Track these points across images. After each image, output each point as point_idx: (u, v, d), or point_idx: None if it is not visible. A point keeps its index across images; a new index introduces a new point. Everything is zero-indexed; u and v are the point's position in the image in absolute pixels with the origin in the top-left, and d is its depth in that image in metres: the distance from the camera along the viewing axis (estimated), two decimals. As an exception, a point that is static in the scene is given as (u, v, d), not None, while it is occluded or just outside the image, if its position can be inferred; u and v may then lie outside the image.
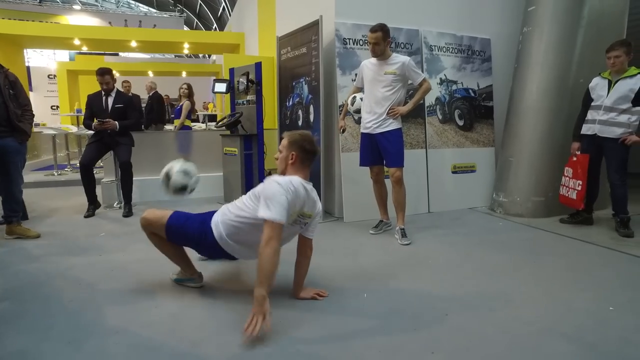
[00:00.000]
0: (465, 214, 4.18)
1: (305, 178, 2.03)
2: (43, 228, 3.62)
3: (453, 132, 4.40)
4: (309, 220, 2.07)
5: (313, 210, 2.07)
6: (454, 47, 4.37)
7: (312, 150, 2.05)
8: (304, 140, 2.03)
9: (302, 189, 1.96)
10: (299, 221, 2.03)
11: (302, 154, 2.02)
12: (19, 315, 2.06)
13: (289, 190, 1.88)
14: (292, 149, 2.02)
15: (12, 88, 3.22)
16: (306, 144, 2.02)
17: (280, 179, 1.92)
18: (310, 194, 2.02)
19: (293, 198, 1.89)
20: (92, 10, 17.03)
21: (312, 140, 2.07)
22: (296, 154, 2.02)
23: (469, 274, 2.59)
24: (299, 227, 2.07)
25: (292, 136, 2.05)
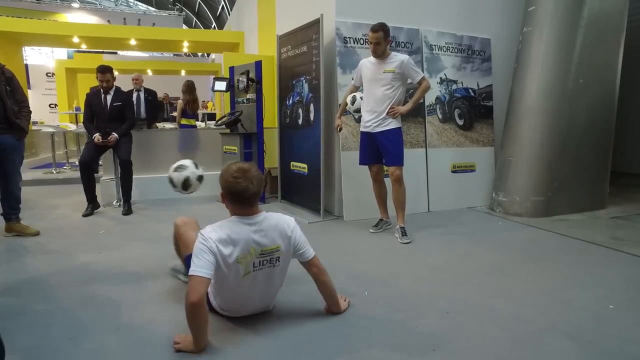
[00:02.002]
0: (465, 214, 4.18)
1: (247, 214, 1.77)
2: (42, 226, 3.61)
3: (453, 131, 4.40)
4: (279, 254, 1.82)
5: (277, 241, 1.80)
6: (454, 47, 4.37)
7: (232, 192, 1.73)
8: (225, 180, 1.74)
9: (241, 228, 1.74)
10: (265, 261, 1.80)
11: (228, 196, 1.76)
12: (18, 312, 2.06)
13: (209, 239, 1.69)
14: (221, 191, 1.78)
15: (9, 84, 3.20)
16: (226, 184, 1.73)
17: (206, 228, 1.76)
18: (260, 228, 1.77)
19: (225, 245, 1.70)
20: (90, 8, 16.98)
21: (232, 178, 1.71)
22: (223, 195, 1.79)
23: (469, 272, 2.60)
24: (271, 265, 1.83)
25: (221, 175, 1.77)
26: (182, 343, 1.69)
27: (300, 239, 1.88)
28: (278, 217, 1.86)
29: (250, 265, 1.77)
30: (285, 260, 1.89)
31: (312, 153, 4.09)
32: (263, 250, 1.78)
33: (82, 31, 9.01)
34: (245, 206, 1.77)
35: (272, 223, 1.81)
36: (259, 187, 1.75)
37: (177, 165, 2.53)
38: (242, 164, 1.78)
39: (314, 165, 4.09)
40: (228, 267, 1.73)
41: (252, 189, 1.72)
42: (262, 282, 1.85)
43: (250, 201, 1.76)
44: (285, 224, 1.85)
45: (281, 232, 1.82)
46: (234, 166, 1.75)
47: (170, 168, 2.53)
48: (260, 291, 1.88)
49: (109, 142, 4.15)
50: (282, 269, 1.90)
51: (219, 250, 1.69)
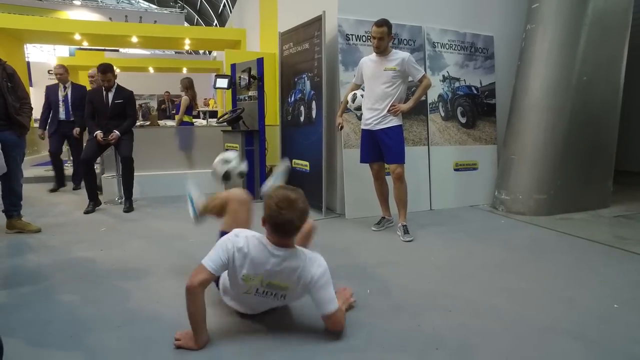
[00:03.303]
0: (467, 212, 4.17)
1: (278, 243, 1.68)
2: (44, 223, 3.60)
3: (455, 129, 4.38)
4: (286, 292, 1.74)
5: (287, 282, 1.71)
6: (457, 44, 4.35)
7: (275, 224, 1.63)
8: (268, 208, 1.63)
9: (263, 253, 1.68)
10: (270, 293, 1.74)
11: (269, 224, 1.66)
12: (19, 308, 2.05)
13: (233, 244, 1.68)
14: (265, 208, 1.67)
15: (10, 81, 3.19)
16: (270, 213, 1.63)
17: (239, 232, 1.74)
18: (281, 263, 1.68)
19: (241, 256, 1.67)
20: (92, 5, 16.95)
21: (276, 207, 1.60)
22: (265, 219, 1.67)
23: (471, 271, 2.58)
24: (275, 298, 1.77)
25: (266, 198, 1.69)
26: (183, 340, 1.68)
27: (320, 294, 1.71)
28: (305, 260, 1.71)
29: (253, 289, 1.74)
30: (293, 297, 1.80)
31: (314, 151, 4.07)
32: (270, 283, 1.71)
33: (84, 28, 9.00)
34: (282, 237, 1.68)
35: (294, 265, 1.69)
36: (301, 221, 1.65)
37: (222, 158, 2.65)
38: (290, 191, 1.65)
39: (315, 162, 4.08)
40: (234, 277, 1.73)
41: (296, 223, 1.63)
42: (263, 303, 1.82)
43: (290, 234, 1.68)
44: (309, 273, 1.69)
45: (298, 278, 1.70)
46: (281, 193, 1.63)
47: (216, 159, 2.66)
48: (262, 307, 1.87)
49: (111, 140, 4.14)
50: (287, 301, 1.83)
51: (234, 258, 1.68)
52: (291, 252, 1.71)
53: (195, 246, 3.06)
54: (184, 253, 2.89)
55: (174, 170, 5.23)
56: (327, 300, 1.72)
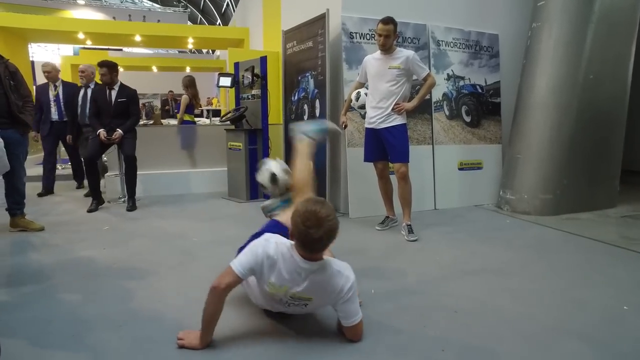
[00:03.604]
0: (472, 211, 4.13)
1: (305, 257, 1.60)
2: (47, 221, 3.60)
3: (460, 128, 4.35)
4: (309, 302, 1.68)
5: (312, 293, 1.65)
6: (461, 43, 4.31)
7: (303, 241, 1.56)
8: (295, 223, 1.56)
9: (292, 263, 1.62)
10: (292, 303, 1.69)
11: (296, 240, 1.60)
12: (21, 307, 2.04)
13: (264, 249, 1.63)
14: (292, 223, 1.60)
15: (13, 79, 3.19)
16: (297, 230, 1.55)
17: (271, 237, 1.70)
18: (308, 277, 1.61)
19: (270, 263, 1.62)
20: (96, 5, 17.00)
21: (303, 226, 1.52)
22: (293, 231, 1.60)
23: (477, 271, 2.55)
24: (296, 307, 1.72)
25: (296, 208, 1.61)
26: (186, 339, 1.66)
27: (345, 307, 1.65)
28: (333, 274, 1.63)
29: (277, 297, 1.69)
30: (315, 308, 1.77)
31: (318, 149, 4.03)
32: (294, 295, 1.66)
33: (87, 27, 9.01)
34: (308, 252, 1.60)
35: (321, 279, 1.63)
36: (330, 239, 1.56)
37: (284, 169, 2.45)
38: (319, 206, 1.54)
39: (319, 161, 4.04)
40: (261, 282, 1.69)
41: (324, 241, 1.54)
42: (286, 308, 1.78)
43: (317, 250, 1.60)
44: (337, 286, 1.63)
45: (325, 291, 1.64)
46: (309, 209, 1.53)
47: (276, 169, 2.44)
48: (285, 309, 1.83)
49: (114, 139, 4.14)
50: (307, 310, 1.77)
51: (262, 264, 1.63)
52: (319, 265, 1.63)
53: (197, 245, 3.05)
54: (187, 252, 2.88)
55: (177, 169, 5.23)
56: (353, 312, 1.67)
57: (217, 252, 2.84)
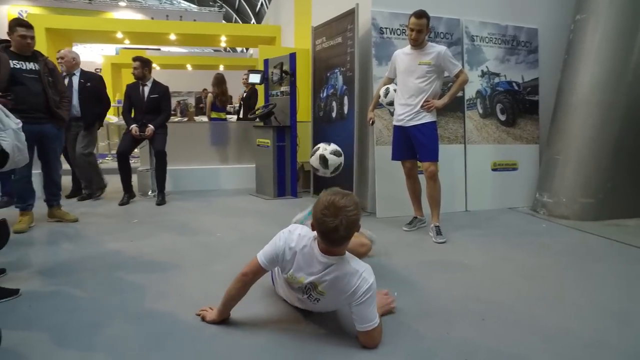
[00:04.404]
0: (505, 214, 3.95)
1: (324, 251, 1.61)
2: (81, 213, 3.73)
3: (494, 127, 4.16)
4: (321, 297, 1.67)
5: (327, 288, 1.63)
6: (497, 38, 4.12)
7: (320, 229, 1.55)
8: (315, 213, 1.55)
9: (311, 255, 1.63)
10: (307, 293, 1.69)
11: (316, 227, 1.57)
12: (49, 295, 2.11)
13: (287, 243, 1.66)
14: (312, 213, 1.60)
15: (51, 75, 3.30)
16: (316, 219, 1.55)
17: (296, 228, 1.72)
18: (326, 270, 1.60)
19: (291, 254, 1.65)
20: (136, 6, 17.59)
21: (321, 214, 1.52)
22: (313, 221, 1.59)
23: (508, 276, 2.42)
24: (309, 300, 1.72)
25: (319, 198, 1.59)
26: (206, 313, 1.82)
27: (360, 309, 1.59)
28: (351, 273, 1.59)
29: (294, 286, 1.73)
30: (328, 306, 1.76)
31: (345, 147, 3.92)
32: (309, 285, 1.66)
33: (125, 27, 9.32)
34: (327, 244, 1.58)
35: (338, 275, 1.60)
36: (348, 230, 1.52)
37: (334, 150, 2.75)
38: (340, 196, 1.53)
39: (346, 159, 3.95)
40: (282, 271, 1.75)
41: (341, 232, 1.51)
42: (301, 302, 1.79)
43: (336, 243, 1.57)
44: (353, 284, 1.58)
45: (339, 289, 1.61)
46: (328, 199, 1.52)
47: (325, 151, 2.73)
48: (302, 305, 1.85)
49: (146, 135, 4.23)
50: (323, 306, 1.76)
51: (284, 254, 1.67)
52: (338, 261, 1.61)
53: (221, 241, 3.06)
54: (210, 247, 2.89)
55: (207, 165, 5.30)
56: (367, 317, 1.60)
57: (240, 249, 2.83)
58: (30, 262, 2.58)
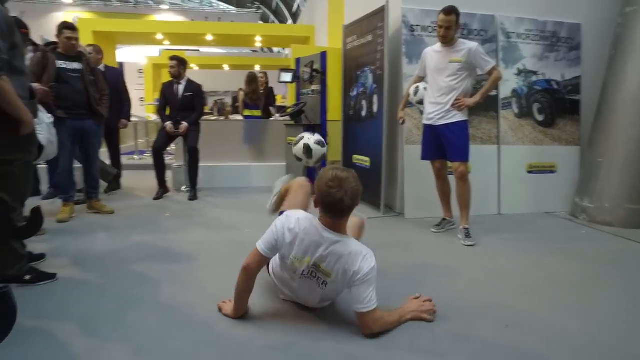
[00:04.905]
0: (541, 219, 3.77)
1: (329, 226, 1.66)
2: (117, 206, 3.90)
3: (531, 127, 3.98)
4: (328, 280, 1.68)
5: (333, 270, 1.66)
6: (535, 34, 3.94)
7: (325, 203, 1.62)
8: (319, 187, 1.62)
9: (313, 234, 1.66)
10: (312, 275, 1.70)
11: (321, 204, 1.65)
12: (81, 281, 2.23)
13: (284, 223, 1.70)
14: (316, 188, 1.67)
15: (93, 74, 3.48)
16: (320, 192, 1.62)
17: (291, 212, 1.77)
18: (329, 247, 1.64)
19: (292, 236, 1.67)
20: (177, 9, 18.21)
21: (326, 187, 1.59)
22: (316, 200, 1.66)
23: (539, 283, 2.31)
24: (317, 284, 1.71)
25: (320, 174, 1.67)
26: (226, 306, 1.84)
27: (360, 287, 1.63)
28: (355, 252, 1.65)
29: (299, 271, 1.72)
30: (335, 288, 1.75)
31: (375, 146, 3.94)
32: (317, 264, 1.68)
33: (162, 28, 9.70)
34: (333, 217, 1.65)
35: (342, 252, 1.64)
36: (352, 200, 1.61)
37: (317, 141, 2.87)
38: (341, 171, 1.63)
39: (376, 158, 3.95)
40: (283, 258, 1.75)
41: (346, 202, 1.59)
42: (305, 289, 1.79)
43: (341, 214, 1.65)
44: (356, 265, 1.63)
45: (343, 269, 1.64)
46: (331, 173, 1.61)
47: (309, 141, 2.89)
48: (306, 296, 1.84)
49: (180, 132, 4.37)
50: (329, 292, 1.76)
51: (284, 238, 1.69)
52: (342, 238, 1.67)
53: (248, 237, 3.09)
54: (237, 243, 2.94)
55: (238, 162, 5.40)
56: (364, 298, 1.63)
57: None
58: (67, 250, 2.73)
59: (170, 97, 4.48)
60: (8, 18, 1.85)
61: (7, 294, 1.32)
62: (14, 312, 1.38)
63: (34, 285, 2.12)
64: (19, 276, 2.11)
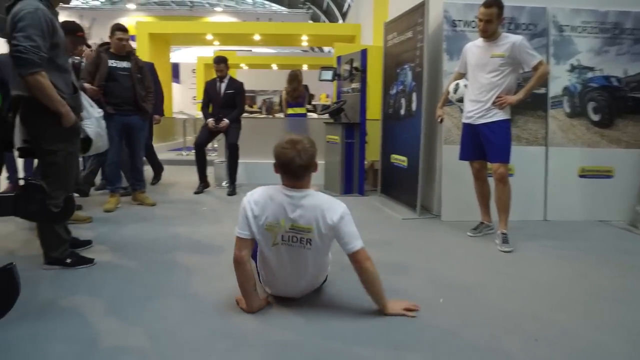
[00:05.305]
0: (593, 227, 3.48)
1: (291, 186, 1.76)
2: (159, 198, 4.09)
3: (584, 128, 3.68)
4: (311, 236, 1.74)
5: (311, 223, 1.73)
6: (593, 26, 3.63)
7: (280, 163, 1.74)
8: (275, 150, 1.76)
9: (278, 196, 1.75)
10: (295, 238, 1.75)
11: (277, 166, 1.77)
12: (116, 267, 2.38)
13: (247, 201, 1.78)
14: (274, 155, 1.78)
15: (140, 72, 3.68)
16: (276, 154, 1.75)
17: (257, 188, 1.84)
18: (297, 204, 1.73)
19: (260, 207, 1.75)
20: (230, 11, 18.82)
21: (281, 147, 1.73)
22: (275, 165, 1.79)
23: (579, 297, 2.12)
24: (301, 246, 1.76)
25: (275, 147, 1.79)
26: (242, 302, 1.85)
27: (345, 229, 1.74)
28: (324, 200, 1.78)
29: (279, 237, 1.77)
30: (320, 246, 1.78)
31: (412, 145, 3.83)
32: (293, 226, 1.74)
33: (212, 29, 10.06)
34: (291, 178, 1.75)
35: (312, 203, 1.75)
36: (307, 161, 1.72)
37: None
38: (295, 135, 1.78)
39: (413, 158, 3.84)
40: (259, 231, 1.76)
41: (299, 162, 1.70)
42: (292, 260, 1.81)
43: (296, 173, 1.74)
44: (330, 209, 1.74)
45: (321, 217, 1.73)
46: (286, 137, 1.76)
47: None
48: (291, 271, 1.84)
49: (221, 128, 4.51)
50: (315, 253, 1.79)
51: (252, 210, 1.75)
52: (307, 192, 1.77)
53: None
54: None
55: (278, 159, 5.45)
56: (355, 235, 1.75)
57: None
58: (109, 238, 2.91)
59: (213, 94, 4.63)
60: (49, 19, 1.99)
61: (11, 270, 1.43)
62: (17, 288, 1.50)
63: (74, 269, 2.28)
64: (61, 259, 2.27)
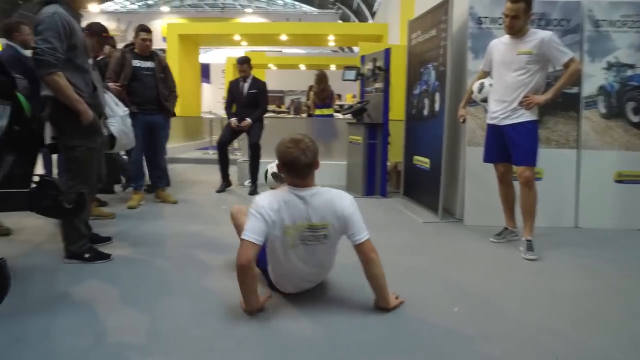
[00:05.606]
0: (630, 236, 3.25)
1: (299, 185, 1.77)
2: (181, 197, 4.16)
3: (622, 130, 3.46)
4: (327, 232, 1.78)
5: (327, 218, 1.75)
6: (635, 20, 3.39)
7: (285, 162, 1.75)
8: (278, 150, 1.77)
9: (291, 198, 1.75)
10: (312, 236, 1.77)
11: (282, 166, 1.79)
12: (132, 263, 2.42)
13: (261, 206, 1.74)
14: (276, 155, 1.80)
15: (163, 72, 3.75)
16: (279, 154, 1.77)
17: (259, 196, 1.82)
18: (310, 202, 1.74)
19: (277, 213, 1.73)
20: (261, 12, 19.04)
21: (285, 147, 1.74)
22: (279, 165, 1.81)
23: (609, 311, 1.98)
24: (317, 242, 1.79)
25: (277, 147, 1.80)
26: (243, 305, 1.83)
27: (353, 218, 1.77)
28: (333, 194, 1.80)
29: (297, 239, 1.77)
30: (334, 239, 1.83)
31: (435, 147, 3.73)
32: (310, 225, 1.75)
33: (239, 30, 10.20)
34: (298, 177, 1.76)
35: (323, 200, 1.77)
36: (312, 159, 1.74)
37: None
38: (296, 135, 1.79)
39: (436, 160, 3.73)
40: (276, 236, 1.76)
41: (304, 160, 1.72)
42: (308, 258, 1.83)
43: (302, 172, 1.75)
44: (340, 202, 1.78)
45: (333, 210, 1.76)
46: (288, 137, 1.77)
47: None
48: (306, 268, 1.85)
49: (243, 127, 4.54)
50: (329, 247, 1.84)
51: (269, 216, 1.72)
52: (315, 190, 1.78)
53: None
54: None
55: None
56: (362, 227, 1.78)
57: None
58: (130, 234, 2.98)
59: (236, 94, 4.68)
60: (66, 22, 2.04)
61: (1, 265, 1.45)
62: (7, 282, 1.53)
63: (91, 264, 2.33)
64: (79, 253, 2.34)
